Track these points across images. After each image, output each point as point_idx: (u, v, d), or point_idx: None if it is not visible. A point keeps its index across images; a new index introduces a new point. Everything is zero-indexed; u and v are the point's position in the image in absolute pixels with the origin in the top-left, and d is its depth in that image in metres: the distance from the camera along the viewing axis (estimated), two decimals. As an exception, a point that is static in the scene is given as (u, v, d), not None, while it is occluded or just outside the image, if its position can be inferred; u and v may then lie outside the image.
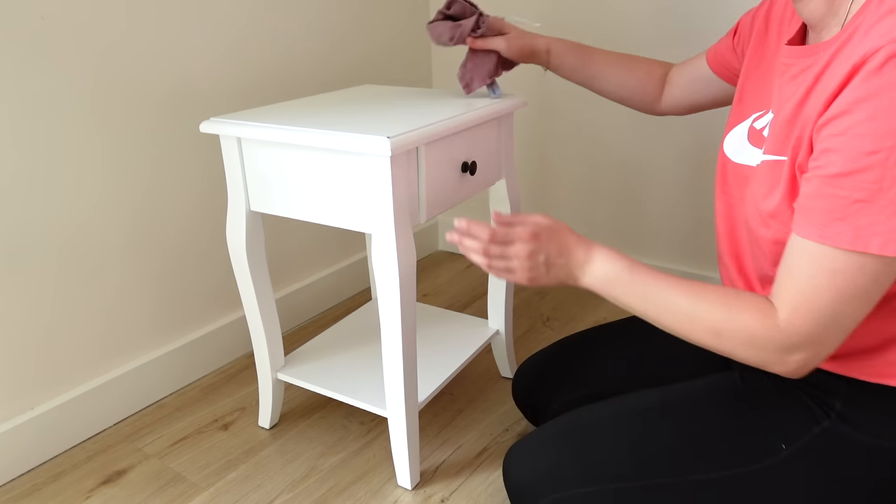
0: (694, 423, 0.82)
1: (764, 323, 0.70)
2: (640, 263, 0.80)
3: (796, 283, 0.68)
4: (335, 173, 0.97)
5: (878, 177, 0.62)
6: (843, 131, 0.63)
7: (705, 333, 0.73)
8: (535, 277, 0.82)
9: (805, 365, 0.70)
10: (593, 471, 0.81)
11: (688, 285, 0.75)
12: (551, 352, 1.13)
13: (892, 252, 0.63)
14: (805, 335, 0.68)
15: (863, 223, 0.63)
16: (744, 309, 0.71)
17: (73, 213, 1.20)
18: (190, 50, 1.32)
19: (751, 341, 0.70)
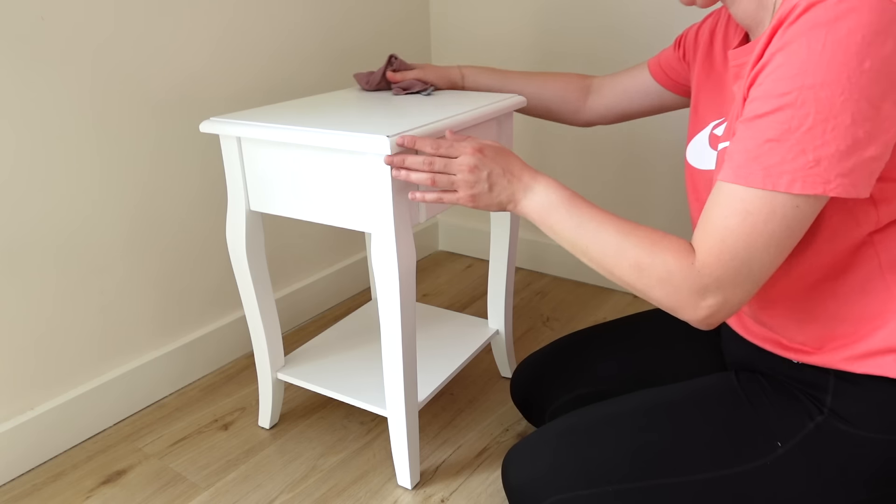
0: (692, 424, 0.82)
1: (682, 262, 0.71)
2: (580, 195, 0.83)
3: (712, 226, 0.70)
4: (335, 173, 0.97)
5: (787, 116, 0.63)
6: (762, 81, 0.66)
7: (628, 268, 0.75)
8: (476, 195, 0.85)
9: (714, 313, 0.71)
10: (593, 473, 0.81)
11: (620, 221, 0.78)
12: (549, 351, 1.14)
13: (798, 189, 0.64)
14: (717, 277, 0.69)
15: (772, 162, 0.65)
16: (666, 248, 0.73)
17: (72, 213, 1.20)
18: (190, 50, 1.32)
19: (668, 279, 0.72)
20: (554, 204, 0.82)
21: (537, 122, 1.82)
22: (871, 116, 0.62)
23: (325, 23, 1.60)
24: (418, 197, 0.90)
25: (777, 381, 0.82)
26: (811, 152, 0.63)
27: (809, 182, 0.64)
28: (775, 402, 0.80)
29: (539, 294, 1.80)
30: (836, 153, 0.62)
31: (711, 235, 0.70)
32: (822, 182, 0.63)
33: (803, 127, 0.63)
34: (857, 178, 0.64)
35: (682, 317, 0.73)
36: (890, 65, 0.61)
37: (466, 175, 0.85)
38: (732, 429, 0.80)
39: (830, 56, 0.61)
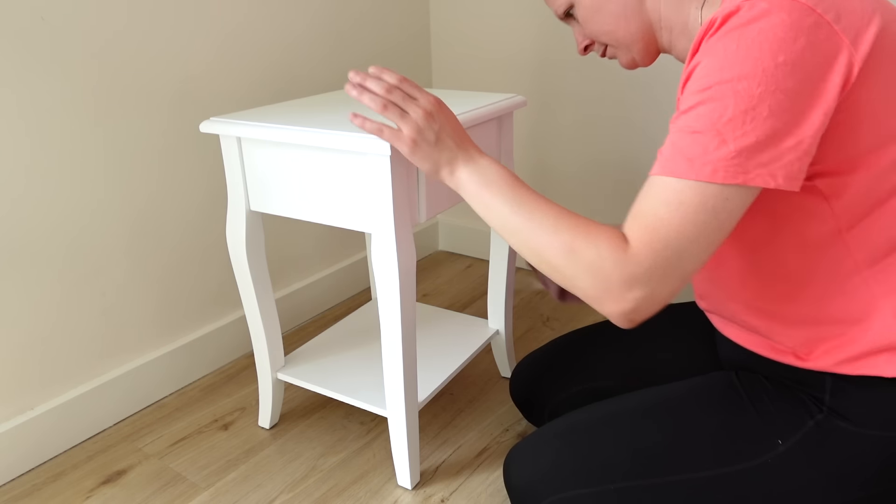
0: (692, 422, 0.82)
1: (616, 250, 0.71)
2: (521, 179, 0.83)
3: (644, 216, 0.70)
4: (335, 173, 0.97)
5: (709, 109, 0.66)
6: (688, 86, 0.69)
7: (560, 251, 0.74)
8: (419, 142, 0.83)
9: (638, 307, 0.71)
10: (594, 471, 0.81)
11: (558, 206, 0.78)
12: (548, 350, 1.14)
13: (720, 179, 0.65)
14: (648, 267, 0.69)
15: (695, 153, 0.66)
16: (601, 235, 0.72)
17: (72, 213, 1.20)
18: (191, 50, 1.32)
19: (599, 265, 0.71)
20: (494, 180, 0.81)
21: (537, 122, 1.82)
22: (788, 108, 0.64)
23: (325, 24, 1.60)
24: (358, 122, 0.85)
25: (776, 380, 0.83)
26: (731, 143, 0.65)
27: (731, 172, 0.65)
28: (775, 399, 0.81)
29: (539, 294, 1.80)
30: (754, 144, 0.64)
31: (643, 225, 0.70)
32: (742, 172, 0.65)
33: (723, 118, 0.65)
34: (778, 169, 0.65)
35: (605, 309, 0.73)
36: (804, 59, 0.63)
37: (420, 117, 0.83)
38: (733, 427, 0.81)
39: (745, 52, 0.64)
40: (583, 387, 1.06)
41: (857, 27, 0.65)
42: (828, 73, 0.64)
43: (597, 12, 0.86)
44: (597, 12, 0.86)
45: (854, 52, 0.64)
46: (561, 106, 1.76)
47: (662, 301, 0.71)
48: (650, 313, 0.72)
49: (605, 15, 0.86)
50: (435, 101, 0.84)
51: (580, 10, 0.87)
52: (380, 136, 0.84)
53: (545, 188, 1.87)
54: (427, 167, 0.84)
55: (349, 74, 0.87)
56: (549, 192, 1.87)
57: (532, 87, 1.79)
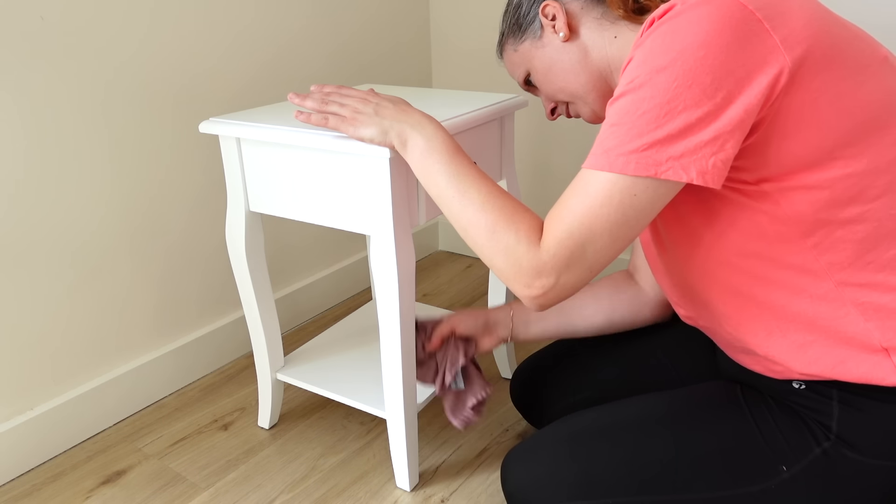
0: (694, 439, 0.81)
1: (530, 239, 0.73)
2: (463, 151, 0.85)
3: (558, 207, 0.72)
4: (334, 174, 0.97)
5: (627, 101, 0.66)
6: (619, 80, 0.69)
7: (483, 228, 0.77)
8: (360, 115, 0.87)
9: (545, 294, 0.73)
10: (593, 485, 0.80)
11: (493, 184, 0.80)
12: (548, 353, 1.13)
13: (632, 171, 0.65)
14: (553, 256, 0.71)
15: (612, 145, 0.67)
16: (522, 221, 0.75)
17: (72, 213, 1.20)
18: (192, 50, 1.32)
19: (514, 249, 0.74)
20: (437, 148, 0.83)
21: (538, 123, 1.81)
22: (705, 103, 0.63)
23: (324, 24, 1.59)
24: (302, 118, 0.91)
25: (783, 403, 0.80)
26: (646, 135, 0.65)
27: (643, 164, 0.65)
28: (781, 423, 0.78)
29: (539, 294, 1.79)
30: (668, 136, 0.64)
31: (555, 217, 0.72)
32: (654, 164, 0.65)
33: (639, 111, 0.65)
34: (691, 163, 0.64)
35: (516, 292, 0.75)
36: (728, 55, 0.63)
37: (356, 101, 0.89)
38: (736, 449, 0.78)
39: (668, 45, 0.64)
40: (584, 393, 1.05)
41: (792, 29, 0.64)
42: (753, 72, 0.63)
43: (548, 72, 0.90)
44: (548, 72, 0.90)
45: (786, 54, 0.63)
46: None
47: (570, 290, 0.73)
48: (557, 300, 0.74)
49: (555, 73, 0.89)
50: (371, 91, 0.90)
51: (535, 74, 0.92)
52: (325, 125, 0.89)
53: (546, 188, 1.87)
54: (371, 132, 0.86)
55: (288, 96, 0.93)
56: (549, 192, 1.86)
57: (532, 86, 1.79)
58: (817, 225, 0.69)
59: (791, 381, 0.78)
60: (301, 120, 0.91)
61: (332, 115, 0.89)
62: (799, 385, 0.78)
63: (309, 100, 0.91)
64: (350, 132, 0.87)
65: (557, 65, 0.88)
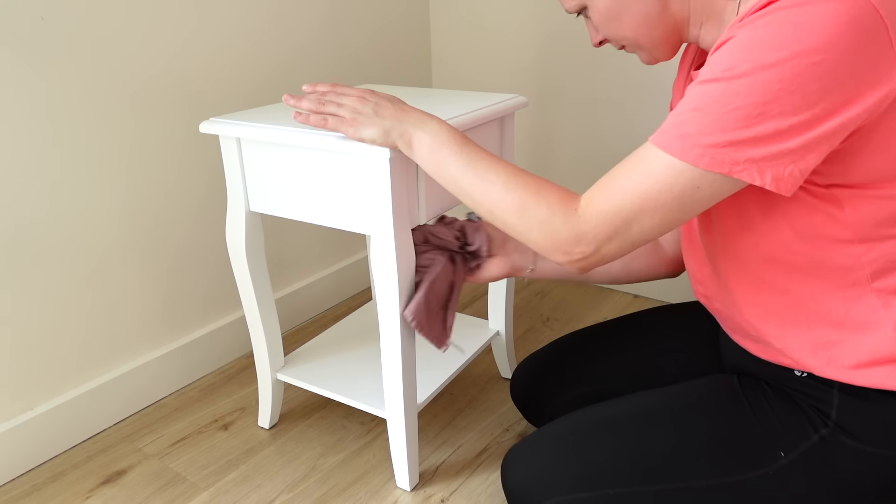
0: (693, 428, 0.81)
1: (565, 207, 0.73)
2: (471, 139, 0.84)
3: (608, 180, 0.71)
4: (334, 174, 0.97)
5: (720, 90, 0.62)
6: (716, 56, 0.64)
7: (511, 207, 0.76)
8: (359, 115, 0.86)
9: (584, 259, 0.73)
10: (592, 476, 0.80)
11: (509, 164, 0.79)
12: (549, 351, 1.13)
13: (705, 164, 0.63)
14: (594, 226, 0.71)
15: (690, 131, 0.64)
16: (551, 192, 0.75)
17: (73, 213, 1.20)
18: (192, 50, 1.32)
19: (549, 220, 0.73)
20: (445, 141, 0.82)
21: (539, 123, 1.81)
22: (802, 112, 0.60)
23: (325, 24, 1.59)
24: (301, 119, 0.90)
25: (780, 389, 0.81)
26: (730, 132, 0.61)
27: (718, 160, 0.62)
28: (778, 410, 0.79)
29: (539, 294, 1.80)
30: (753, 138, 0.61)
31: (603, 189, 0.71)
32: (731, 163, 0.62)
33: (730, 105, 0.61)
34: (768, 168, 0.62)
35: (555, 259, 0.75)
36: (844, 64, 0.58)
37: (353, 100, 0.87)
38: (734, 436, 0.79)
39: (781, 40, 0.59)
40: (584, 390, 1.05)
41: None
42: (864, 89, 0.59)
43: (617, 18, 0.79)
44: (617, 18, 0.79)
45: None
46: (562, 107, 1.76)
47: (610, 258, 0.73)
48: (598, 265, 0.74)
49: (626, 22, 0.79)
50: (367, 90, 0.89)
51: (595, 13, 0.81)
52: (325, 127, 0.88)
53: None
54: (373, 133, 0.85)
55: (283, 97, 0.91)
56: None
57: (533, 87, 1.79)
58: (873, 232, 0.69)
59: (794, 369, 0.79)
60: (299, 121, 0.90)
61: (331, 115, 0.88)
62: (801, 373, 0.78)
63: (305, 101, 0.90)
64: (350, 133, 0.87)
65: (631, 13, 0.78)
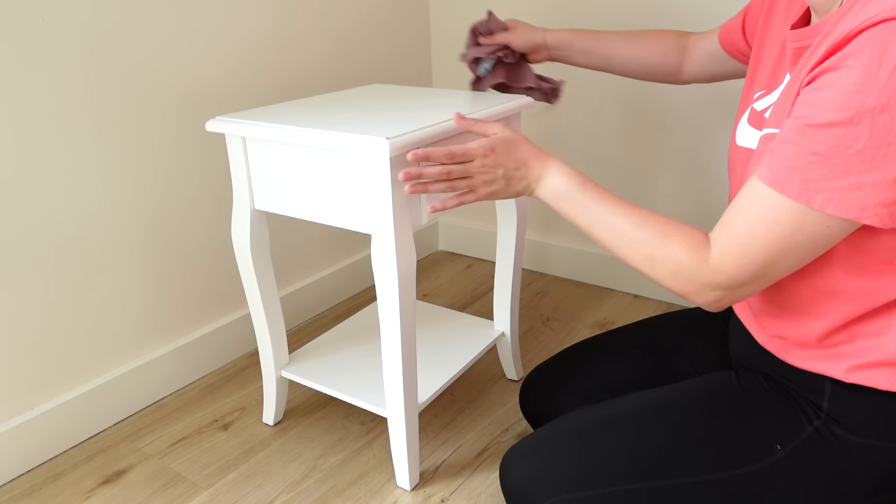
0: (690, 425, 0.82)
1: (695, 257, 0.73)
2: (592, 182, 0.84)
3: (737, 228, 0.70)
4: (336, 173, 0.97)
5: (839, 134, 0.61)
6: (823, 86, 0.63)
7: (641, 258, 0.78)
8: (494, 192, 0.88)
9: (720, 300, 0.74)
10: (591, 474, 0.80)
11: (633, 210, 0.80)
12: (557, 362, 1.11)
13: (832, 210, 0.63)
14: (729, 277, 0.71)
15: (813, 176, 0.63)
16: (679, 241, 0.75)
17: (73, 212, 1.20)
18: (194, 49, 1.32)
19: (679, 272, 0.74)
20: (566, 192, 0.84)
21: (544, 123, 1.81)
22: None
23: (325, 24, 1.59)
24: (439, 206, 0.92)
25: (776, 382, 0.82)
26: (855, 175, 0.61)
27: (845, 205, 0.62)
28: (774, 403, 0.80)
29: (539, 294, 1.80)
30: (880, 182, 0.61)
31: (733, 237, 0.70)
32: (860, 208, 0.62)
33: (853, 148, 0.60)
34: (893, 210, 0.62)
35: (693, 302, 0.76)
36: None
37: (483, 177, 0.87)
38: (732, 431, 0.80)
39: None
40: (595, 400, 1.02)
41: None
42: None
43: None
44: None
45: None
46: (561, 107, 1.76)
47: (747, 296, 0.74)
48: (737, 302, 0.75)
49: None
50: (486, 150, 0.86)
51: None
52: (463, 204, 0.90)
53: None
54: (513, 196, 0.89)
55: (400, 176, 0.87)
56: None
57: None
58: None
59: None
60: (435, 211, 0.93)
61: (468, 193, 0.89)
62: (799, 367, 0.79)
63: (428, 173, 0.88)
64: (481, 200, 0.90)
65: None
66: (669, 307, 1.70)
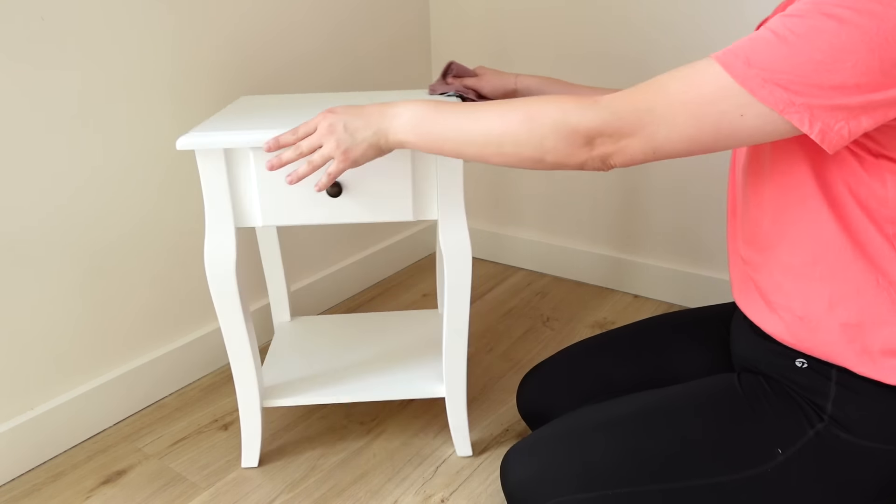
0: (691, 428, 0.81)
1: (579, 100, 0.69)
2: None
3: (649, 81, 0.67)
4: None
5: (806, 27, 0.60)
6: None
7: (518, 123, 0.72)
8: (344, 149, 0.84)
9: (605, 152, 0.69)
10: (592, 477, 0.80)
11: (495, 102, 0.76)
12: (555, 362, 1.11)
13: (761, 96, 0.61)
14: (618, 117, 0.66)
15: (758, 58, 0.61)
16: (560, 97, 0.71)
17: (73, 212, 1.20)
18: (193, 50, 1.32)
19: (562, 118, 0.69)
20: (422, 114, 0.81)
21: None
22: (875, 74, 0.59)
23: (324, 25, 1.59)
24: (293, 180, 0.88)
25: (779, 385, 0.81)
26: (798, 72, 0.60)
27: (776, 97, 0.61)
28: (776, 407, 0.79)
29: (539, 294, 1.80)
30: (817, 85, 0.60)
31: (641, 87, 0.67)
32: (787, 103, 0.61)
33: (812, 45, 0.60)
34: (820, 118, 0.61)
35: (573, 161, 0.71)
36: None
37: (328, 137, 0.85)
38: (733, 434, 0.79)
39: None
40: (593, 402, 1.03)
41: None
42: None
43: None
44: None
45: None
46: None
47: (630, 158, 0.69)
48: (620, 164, 0.70)
49: None
50: (325, 114, 0.86)
51: None
52: (314, 168, 0.86)
53: (551, 187, 1.87)
54: (369, 153, 0.85)
55: (266, 166, 0.89)
56: (556, 191, 1.87)
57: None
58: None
59: (795, 359, 0.79)
60: (291, 182, 0.88)
61: (315, 157, 0.86)
62: (802, 363, 0.78)
63: (284, 154, 0.87)
64: (343, 167, 0.85)
65: None
66: (669, 307, 1.70)
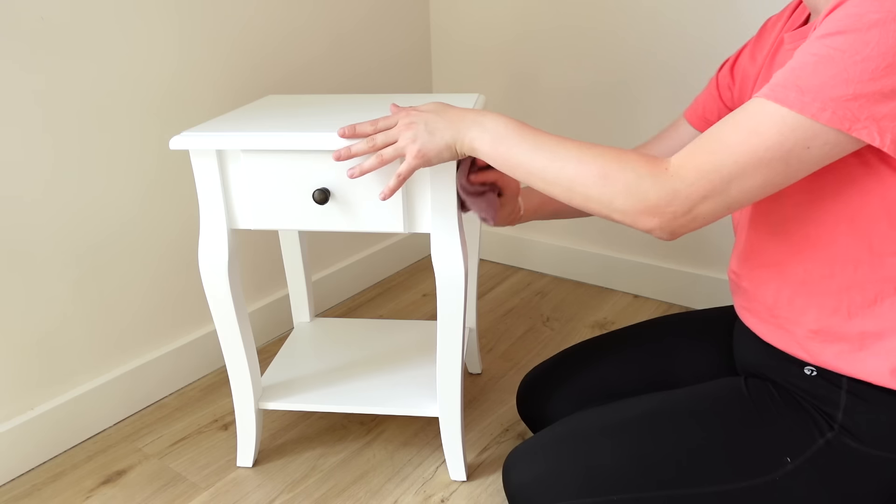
0: (698, 434, 0.80)
1: (653, 167, 0.68)
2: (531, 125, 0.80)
3: (707, 137, 0.66)
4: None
5: (846, 41, 0.60)
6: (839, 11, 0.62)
7: (592, 177, 0.71)
8: (423, 146, 0.82)
9: (675, 219, 0.68)
10: (596, 481, 0.79)
11: (576, 140, 0.75)
12: (555, 362, 1.10)
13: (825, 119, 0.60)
14: (689, 185, 0.66)
15: (811, 83, 0.60)
16: (635, 156, 0.70)
17: (73, 212, 1.20)
18: (192, 51, 1.32)
19: (636, 183, 0.68)
20: (504, 133, 0.79)
21: (543, 125, 1.81)
22: None
23: (325, 28, 1.59)
24: (355, 173, 0.86)
25: (787, 392, 0.80)
26: (855, 84, 0.59)
27: (839, 115, 0.60)
28: (785, 414, 0.78)
29: (539, 294, 1.80)
30: (878, 92, 0.59)
31: (702, 147, 0.66)
32: (852, 119, 0.60)
33: (859, 54, 0.59)
34: (888, 128, 0.60)
35: (643, 225, 0.70)
36: None
37: (405, 132, 0.83)
38: (740, 442, 0.78)
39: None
40: (593, 403, 1.01)
41: None
42: None
43: None
44: None
45: None
46: (548, 109, 1.76)
47: (703, 221, 0.68)
48: (689, 230, 0.69)
49: None
50: (408, 111, 0.84)
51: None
52: (382, 163, 0.84)
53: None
54: (444, 154, 0.83)
55: (333, 156, 0.86)
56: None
57: (537, 88, 1.79)
58: None
59: (804, 367, 0.78)
60: (354, 175, 0.85)
61: (387, 150, 0.84)
62: (811, 371, 0.77)
63: (354, 146, 0.86)
64: (415, 164, 0.83)
65: None
66: (669, 307, 1.70)
